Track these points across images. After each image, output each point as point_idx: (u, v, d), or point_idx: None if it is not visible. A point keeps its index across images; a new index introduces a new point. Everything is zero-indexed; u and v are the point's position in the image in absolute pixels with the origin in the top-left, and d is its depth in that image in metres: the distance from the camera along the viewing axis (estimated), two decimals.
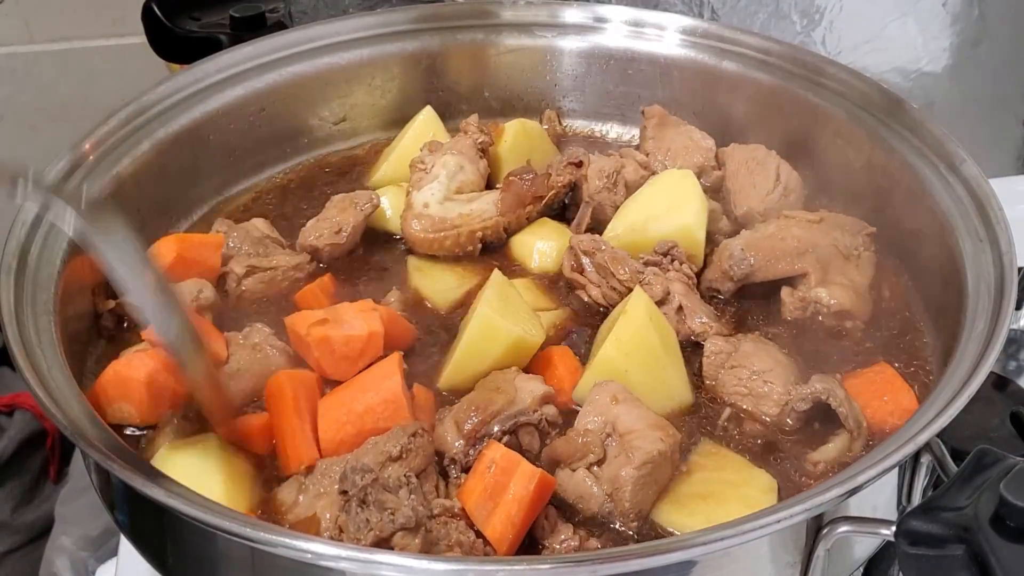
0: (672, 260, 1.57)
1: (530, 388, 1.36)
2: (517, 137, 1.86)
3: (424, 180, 1.71)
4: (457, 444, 1.31)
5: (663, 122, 1.88)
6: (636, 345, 1.43)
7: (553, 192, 1.70)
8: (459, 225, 1.67)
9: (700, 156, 1.84)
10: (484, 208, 1.68)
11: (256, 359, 1.46)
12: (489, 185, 1.80)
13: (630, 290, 1.54)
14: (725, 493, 1.31)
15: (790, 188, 1.76)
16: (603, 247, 1.59)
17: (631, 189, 1.77)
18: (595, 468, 1.30)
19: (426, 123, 1.90)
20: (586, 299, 1.60)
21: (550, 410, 1.36)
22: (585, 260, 1.60)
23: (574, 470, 1.29)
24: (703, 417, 1.45)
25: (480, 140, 1.79)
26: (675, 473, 1.33)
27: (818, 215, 1.66)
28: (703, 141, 1.85)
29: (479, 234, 1.68)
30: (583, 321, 1.58)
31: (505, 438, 1.31)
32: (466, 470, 1.30)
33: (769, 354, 1.48)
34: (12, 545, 2.63)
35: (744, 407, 1.44)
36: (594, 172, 1.77)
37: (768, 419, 1.43)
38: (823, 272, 1.59)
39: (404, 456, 1.26)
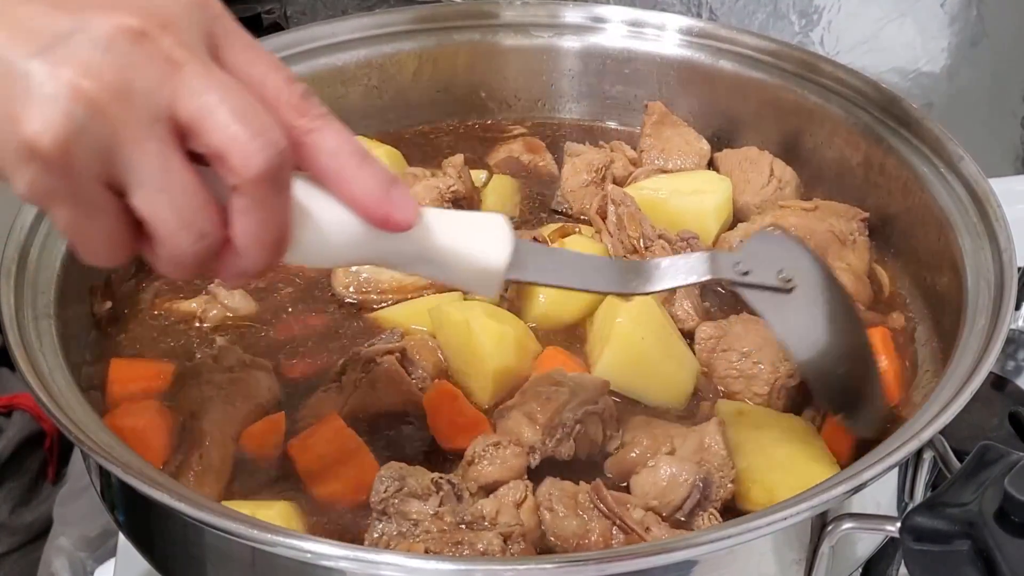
0: (687, 246, 1.58)
1: (588, 379, 1.37)
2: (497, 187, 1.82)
3: None
4: (534, 435, 1.30)
5: (663, 121, 1.88)
6: (646, 316, 1.44)
7: None
8: (386, 291, 1.58)
9: (694, 159, 1.84)
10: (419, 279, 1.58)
11: (240, 378, 1.42)
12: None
13: (635, 249, 1.56)
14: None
15: (785, 181, 1.77)
16: (629, 203, 1.61)
17: (618, 184, 1.77)
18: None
19: None
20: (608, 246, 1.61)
21: (609, 400, 1.35)
22: (611, 208, 1.61)
23: (649, 465, 1.27)
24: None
25: (452, 187, 1.65)
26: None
27: (813, 203, 1.68)
28: (699, 144, 1.86)
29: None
30: None
31: (577, 427, 1.30)
32: (548, 459, 1.29)
33: (759, 333, 1.46)
34: (10, 546, 2.62)
35: (736, 390, 1.44)
36: (583, 166, 1.78)
37: (759, 400, 1.43)
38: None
39: (476, 462, 1.26)
